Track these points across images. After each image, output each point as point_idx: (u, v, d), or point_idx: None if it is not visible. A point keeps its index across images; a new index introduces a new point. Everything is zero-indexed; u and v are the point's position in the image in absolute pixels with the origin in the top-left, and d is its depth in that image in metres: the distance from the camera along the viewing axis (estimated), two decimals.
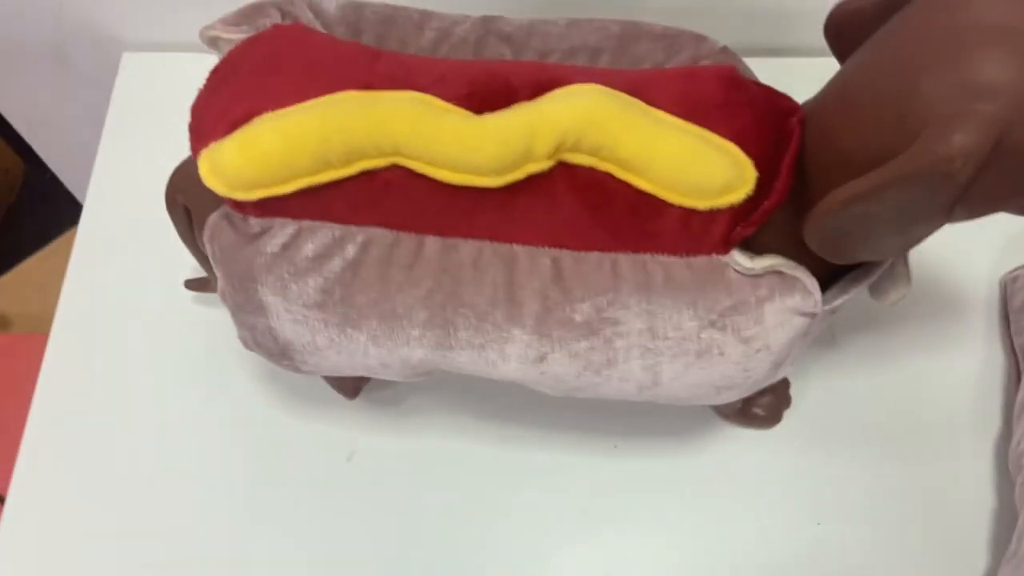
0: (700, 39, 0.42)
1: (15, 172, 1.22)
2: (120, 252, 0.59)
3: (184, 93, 0.40)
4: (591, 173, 0.36)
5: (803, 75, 0.42)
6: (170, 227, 0.47)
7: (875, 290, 0.43)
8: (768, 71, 0.43)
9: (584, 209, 0.36)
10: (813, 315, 0.39)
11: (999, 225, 0.58)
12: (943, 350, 0.55)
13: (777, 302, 0.37)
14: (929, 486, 0.52)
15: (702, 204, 0.35)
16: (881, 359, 0.55)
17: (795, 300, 0.38)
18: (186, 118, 0.39)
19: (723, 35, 0.43)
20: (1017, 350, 0.52)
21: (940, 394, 0.54)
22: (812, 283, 0.37)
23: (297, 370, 0.44)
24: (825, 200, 0.33)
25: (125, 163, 0.62)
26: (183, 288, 0.57)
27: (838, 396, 0.54)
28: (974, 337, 0.55)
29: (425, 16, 0.42)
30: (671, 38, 0.42)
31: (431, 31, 0.41)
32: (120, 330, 0.56)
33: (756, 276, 0.37)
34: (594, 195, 0.36)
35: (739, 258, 0.37)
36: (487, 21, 0.42)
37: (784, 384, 0.53)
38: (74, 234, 0.60)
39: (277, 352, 0.42)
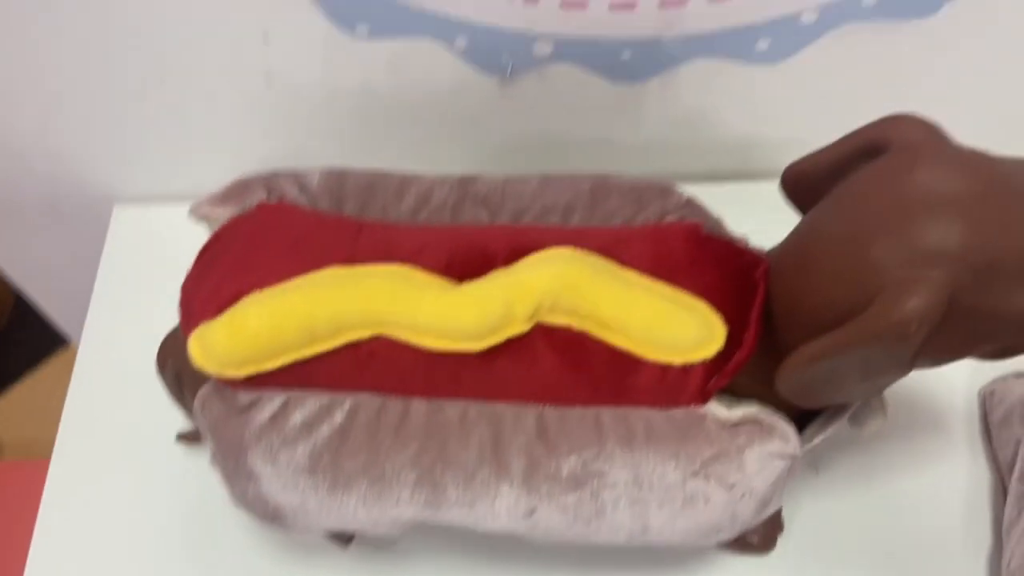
0: (666, 192, 0.44)
1: (4, 299, 1.24)
2: (114, 402, 0.59)
3: (174, 242, 0.42)
4: (568, 332, 0.37)
5: (769, 197, 0.44)
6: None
7: (853, 421, 0.44)
8: (735, 194, 0.45)
9: (564, 366, 0.38)
10: (793, 456, 0.40)
11: None
12: (929, 467, 0.56)
13: (757, 448, 0.38)
14: None
15: (677, 359, 0.37)
16: (868, 479, 0.56)
17: (774, 445, 0.39)
18: (176, 268, 0.41)
19: (692, 162, 0.44)
20: (1001, 465, 0.53)
21: (929, 511, 0.54)
22: (789, 429, 0.38)
23: (288, 531, 0.44)
24: (791, 358, 0.34)
25: (119, 312, 0.63)
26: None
27: (829, 518, 0.54)
28: (958, 452, 0.56)
29: (405, 182, 0.44)
30: (639, 191, 0.44)
31: (411, 197, 0.43)
32: (114, 478, 0.57)
33: (735, 425, 0.38)
34: (573, 353, 0.38)
35: (716, 409, 0.38)
36: (464, 183, 0.44)
37: (777, 510, 0.53)
38: (62, 360, 0.60)
39: (268, 516, 0.42)
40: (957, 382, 0.58)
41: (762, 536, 0.53)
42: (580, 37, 0.56)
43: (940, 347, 0.34)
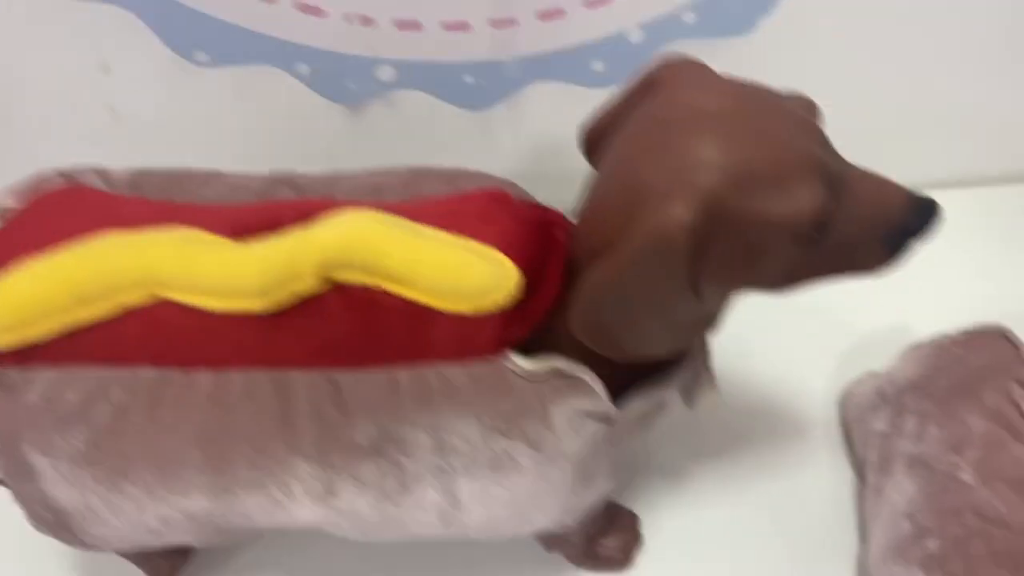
0: (487, 176, 0.44)
1: None
2: None
3: None
4: (361, 290, 0.36)
5: None
6: None
7: (686, 398, 0.43)
8: None
9: (358, 326, 0.36)
10: (608, 418, 0.38)
11: (832, 343, 0.60)
12: (792, 471, 0.54)
13: (563, 404, 0.37)
14: None
15: (468, 308, 0.36)
16: (731, 486, 0.54)
17: (583, 402, 0.37)
18: None
19: (554, 195, 0.45)
20: (860, 462, 0.52)
21: (795, 516, 0.52)
22: (597, 384, 0.37)
23: (84, 545, 0.40)
24: (576, 291, 0.34)
25: None
26: None
27: (692, 530, 0.52)
28: (819, 457, 0.55)
29: (213, 175, 0.43)
30: (458, 174, 0.44)
31: (220, 185, 0.42)
32: None
33: (539, 380, 0.36)
34: (367, 311, 0.36)
35: (517, 361, 0.36)
36: (282, 174, 0.44)
37: (631, 520, 0.51)
38: None
39: (55, 523, 0.39)
40: (816, 388, 0.58)
41: (618, 550, 0.50)
42: (420, 61, 0.58)
43: (718, 267, 0.33)
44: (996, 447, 0.42)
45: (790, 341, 0.60)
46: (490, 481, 0.37)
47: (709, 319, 0.38)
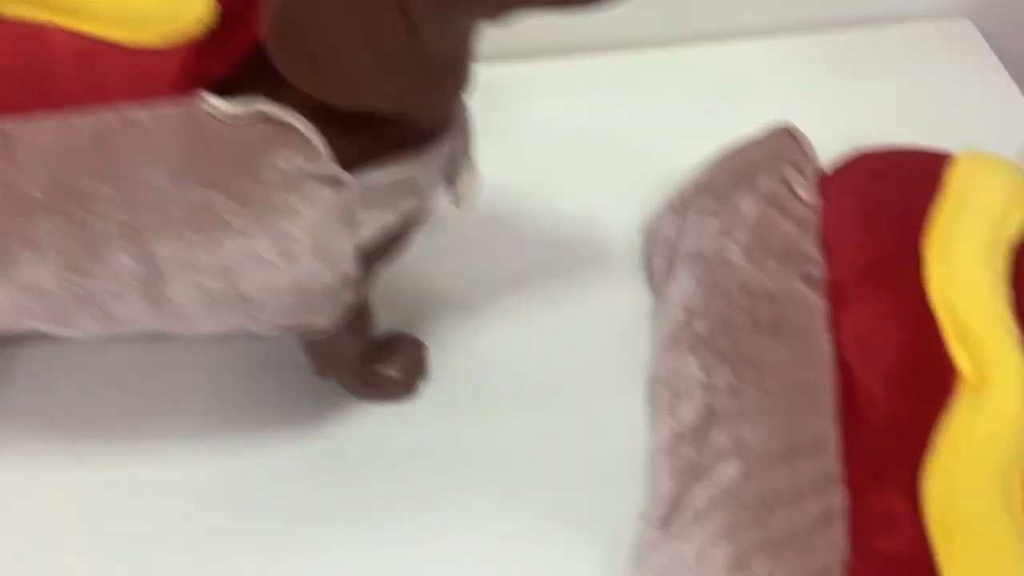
0: None
1: None
2: None
3: None
4: (24, 26, 0.32)
5: None
6: None
7: (448, 182, 0.40)
8: None
9: (17, 67, 0.32)
10: (336, 182, 0.34)
11: (641, 180, 0.57)
12: (590, 302, 0.51)
13: (273, 155, 0.33)
14: (582, 435, 0.46)
15: (151, 37, 0.31)
16: (525, 319, 0.51)
17: (297, 157, 0.33)
18: None
19: None
20: (652, 277, 0.49)
21: (591, 345, 0.50)
22: (311, 132, 0.33)
23: None
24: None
25: None
26: None
27: (483, 361, 0.49)
28: (621, 285, 0.52)
29: None
30: None
31: None
32: None
33: (241, 124, 0.32)
34: (28, 48, 0.32)
35: (214, 102, 0.32)
36: None
37: (415, 347, 0.47)
38: None
39: None
40: (621, 223, 0.55)
41: (400, 371, 0.46)
42: None
43: None
44: (765, 225, 0.40)
45: (597, 179, 0.58)
46: (191, 243, 0.33)
47: (433, 64, 0.34)
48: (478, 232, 0.56)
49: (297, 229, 0.34)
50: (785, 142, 0.44)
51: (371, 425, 0.46)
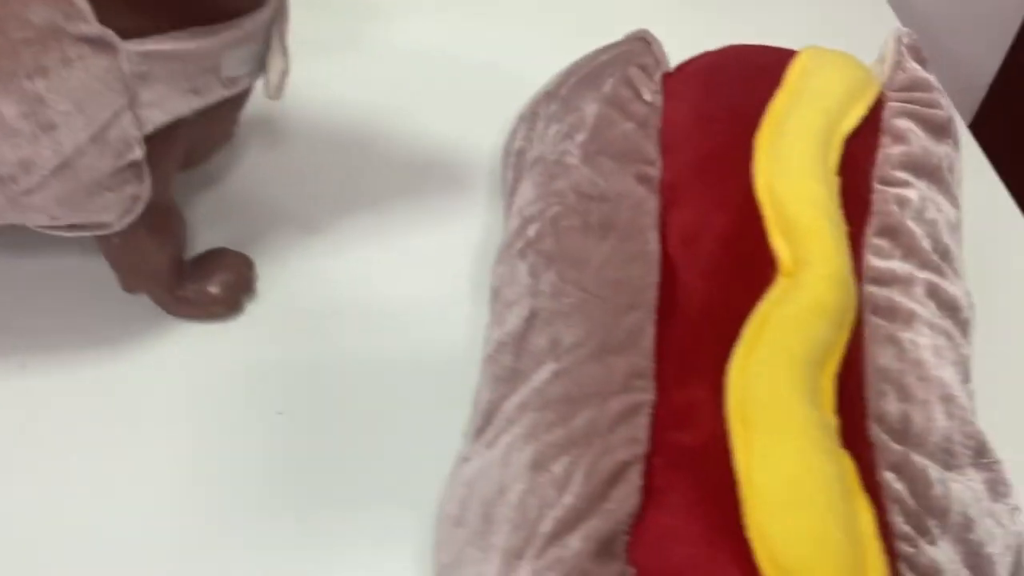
0: None
1: None
2: None
3: None
4: None
5: None
6: None
7: (260, 68, 0.37)
8: None
9: None
10: (105, 45, 0.30)
11: (509, 102, 0.55)
12: (442, 225, 0.48)
13: (25, 9, 0.29)
14: (418, 358, 0.43)
15: None
16: (372, 240, 0.48)
17: (54, 14, 0.29)
18: None
19: None
20: (505, 191, 0.47)
21: (438, 268, 0.47)
22: None
23: None
24: None
25: None
26: None
27: (318, 282, 0.46)
28: (477, 208, 0.50)
29: None
30: None
31: None
32: None
33: None
34: None
35: None
36: None
37: (241, 264, 0.44)
38: None
39: None
40: (484, 145, 0.53)
41: (222, 288, 0.43)
42: None
43: None
44: (604, 126, 0.38)
45: (460, 100, 0.55)
46: None
47: None
48: (327, 152, 0.52)
49: (53, 94, 0.30)
50: (636, 47, 0.42)
51: (188, 343, 0.43)
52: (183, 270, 0.42)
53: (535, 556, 0.26)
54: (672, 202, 0.34)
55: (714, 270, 0.31)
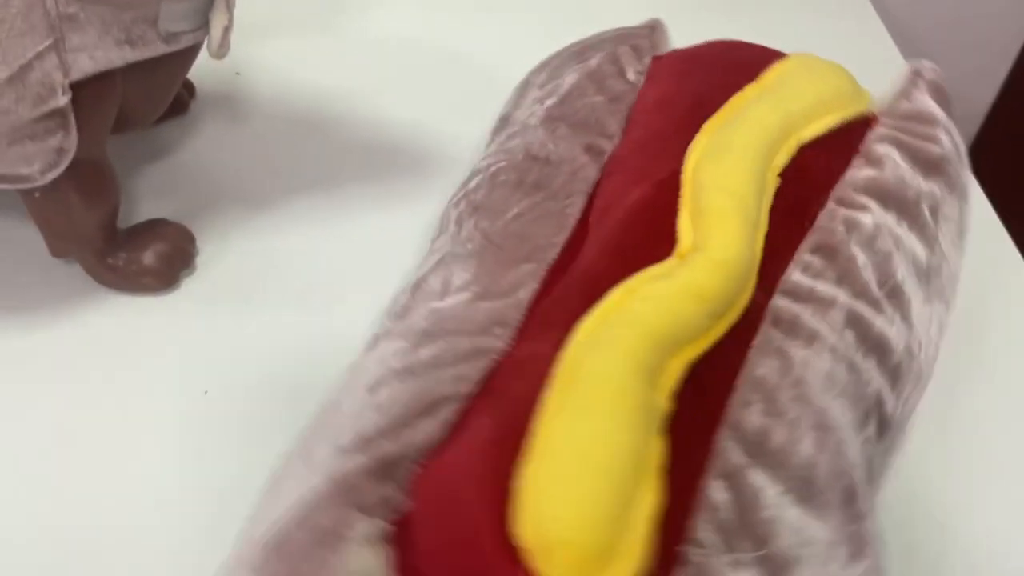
0: None
1: None
2: None
3: None
4: None
5: None
6: None
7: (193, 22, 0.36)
8: None
9: None
10: None
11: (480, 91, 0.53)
12: (399, 209, 0.47)
13: None
14: (349, 344, 0.42)
15: None
16: (326, 221, 0.47)
17: None
18: None
19: None
20: None
21: (387, 251, 0.44)
22: None
23: None
24: None
25: None
26: None
27: (263, 260, 0.45)
28: (433, 196, 0.49)
29: None
30: None
31: None
32: None
33: None
34: None
35: None
36: None
37: (179, 236, 0.43)
38: None
39: None
40: (456, 131, 0.51)
41: (158, 259, 0.41)
42: None
43: None
44: (576, 95, 0.37)
45: (435, 89, 0.55)
46: None
47: None
48: (286, 133, 0.51)
49: None
50: (640, 31, 0.40)
51: (118, 314, 0.42)
52: (116, 237, 0.40)
53: (320, 466, 0.25)
54: (608, 174, 0.33)
55: (613, 240, 0.29)
